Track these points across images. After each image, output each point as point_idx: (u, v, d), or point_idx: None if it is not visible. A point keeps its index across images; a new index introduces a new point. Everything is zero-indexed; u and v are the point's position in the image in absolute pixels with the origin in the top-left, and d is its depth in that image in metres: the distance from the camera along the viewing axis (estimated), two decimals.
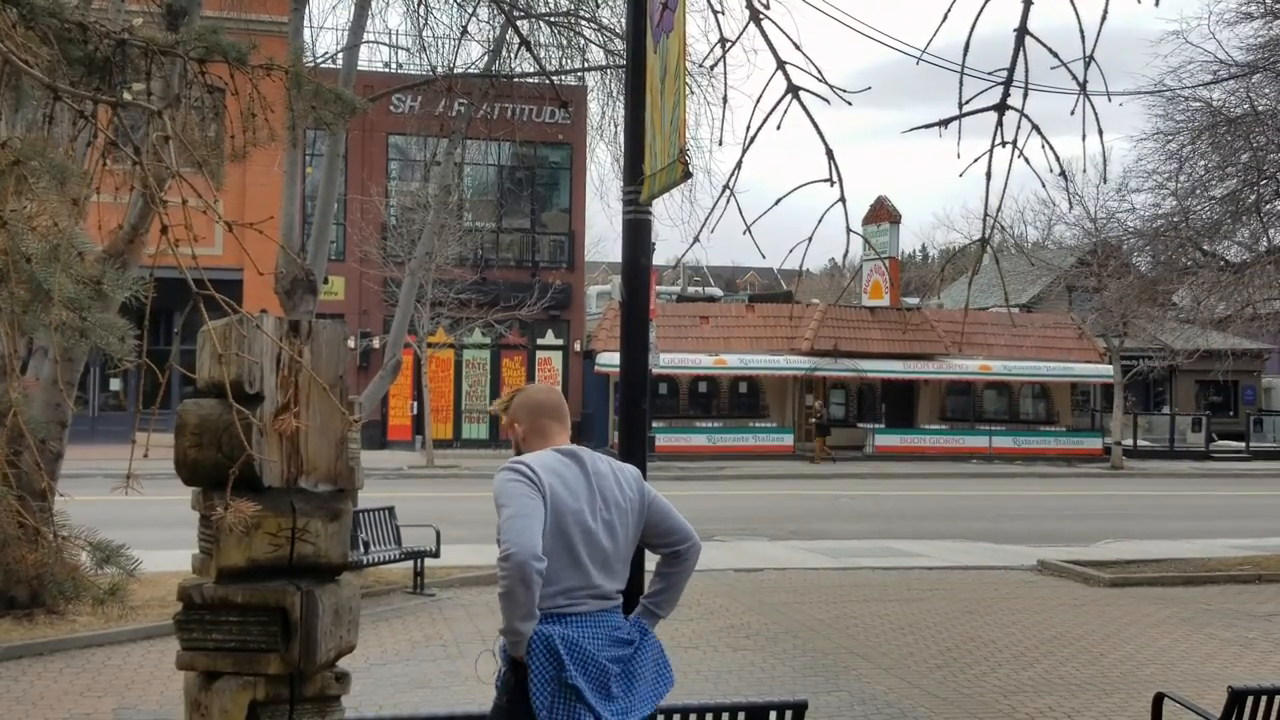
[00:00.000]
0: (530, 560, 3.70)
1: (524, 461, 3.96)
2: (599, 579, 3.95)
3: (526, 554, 3.70)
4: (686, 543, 4.23)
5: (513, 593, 3.72)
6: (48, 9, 3.13)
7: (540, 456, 4.02)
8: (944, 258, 68.92)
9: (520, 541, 3.72)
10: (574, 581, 3.91)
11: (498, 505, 3.86)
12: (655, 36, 5.40)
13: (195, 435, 3.78)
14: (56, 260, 3.07)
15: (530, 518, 3.78)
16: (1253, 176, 16.96)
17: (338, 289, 33.00)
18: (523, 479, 3.88)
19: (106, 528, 3.98)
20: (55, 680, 8.90)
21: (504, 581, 3.72)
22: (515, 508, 3.81)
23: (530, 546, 3.72)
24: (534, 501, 3.83)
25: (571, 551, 3.90)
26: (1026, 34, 3.61)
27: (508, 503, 3.83)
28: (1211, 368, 36.10)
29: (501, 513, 3.82)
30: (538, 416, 4.23)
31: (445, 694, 8.59)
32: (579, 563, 3.92)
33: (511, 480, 3.89)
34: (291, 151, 12.54)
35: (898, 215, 38.01)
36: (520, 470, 3.91)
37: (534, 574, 3.70)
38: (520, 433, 4.21)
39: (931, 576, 14.76)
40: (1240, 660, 10.15)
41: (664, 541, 4.19)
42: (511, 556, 3.70)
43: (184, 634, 3.90)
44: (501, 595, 3.77)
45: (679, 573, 4.26)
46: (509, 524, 3.77)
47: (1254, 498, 27.51)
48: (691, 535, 4.25)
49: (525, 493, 3.84)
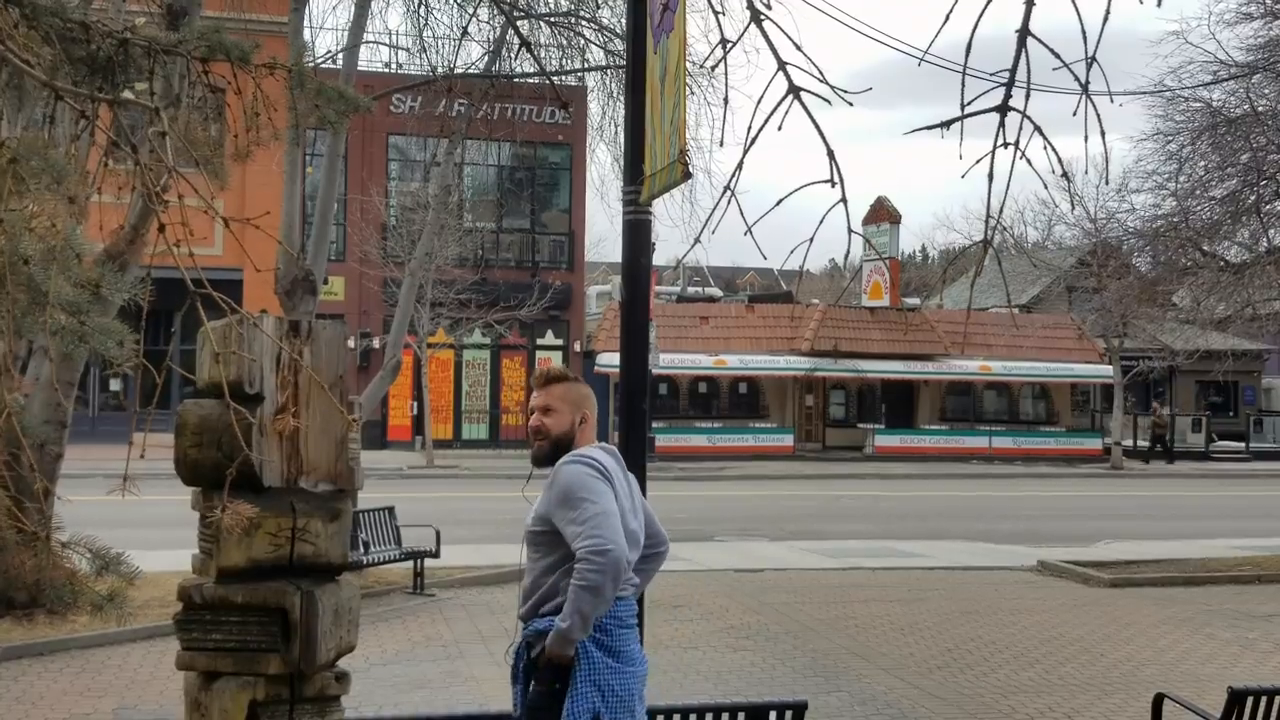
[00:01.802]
0: (625, 558, 3.73)
1: (594, 457, 3.92)
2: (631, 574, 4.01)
3: (624, 551, 3.72)
4: (664, 545, 4.32)
5: (603, 588, 3.70)
6: (50, 8, 3.13)
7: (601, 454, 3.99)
8: (944, 258, 68.95)
9: (618, 540, 3.71)
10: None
11: (575, 497, 3.79)
12: (655, 37, 5.40)
13: (195, 435, 3.78)
14: (54, 262, 3.07)
15: (616, 515, 3.78)
16: (1252, 177, 16.95)
17: (338, 289, 32.99)
18: (600, 475, 3.86)
19: (107, 528, 3.98)
20: (55, 680, 8.89)
21: (595, 576, 3.68)
22: (602, 504, 3.77)
23: (625, 544, 3.74)
24: (612, 498, 3.82)
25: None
26: (1028, 35, 3.60)
27: (593, 497, 3.78)
28: (1211, 368, 36.09)
29: (584, 507, 3.76)
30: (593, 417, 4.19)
31: (445, 694, 8.59)
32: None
33: (591, 475, 3.84)
34: (292, 151, 12.55)
35: (898, 215, 38.01)
36: (596, 465, 3.88)
37: (625, 573, 3.75)
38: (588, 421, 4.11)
39: (931, 577, 14.75)
40: (1240, 660, 10.15)
41: (648, 543, 4.22)
42: (610, 553, 3.68)
43: (184, 634, 3.90)
44: (586, 589, 3.71)
45: (649, 571, 4.32)
46: (600, 520, 3.73)
47: (1254, 498, 27.52)
48: (667, 538, 4.35)
49: (605, 490, 3.82)
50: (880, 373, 36.46)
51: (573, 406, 4.09)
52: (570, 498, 3.80)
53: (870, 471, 31.99)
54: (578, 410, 4.09)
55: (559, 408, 4.09)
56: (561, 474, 3.87)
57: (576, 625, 3.75)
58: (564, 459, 3.94)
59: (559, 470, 3.91)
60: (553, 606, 3.88)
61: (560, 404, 4.09)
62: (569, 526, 3.78)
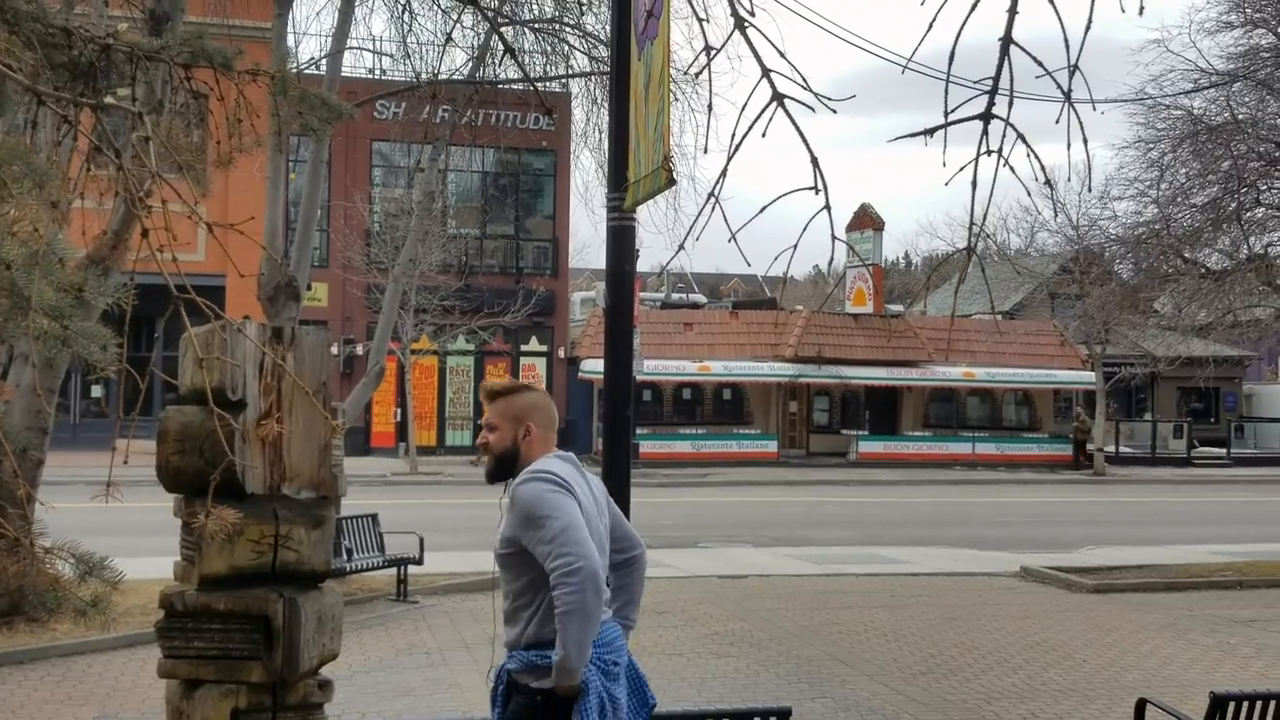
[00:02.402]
0: (599, 570, 3.59)
1: (550, 471, 3.79)
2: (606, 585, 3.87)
3: (595, 563, 3.59)
4: (639, 549, 4.19)
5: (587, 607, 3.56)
6: (32, 14, 3.12)
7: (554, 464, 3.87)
8: (927, 265, 69.19)
9: (587, 553, 3.57)
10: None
11: (537, 516, 3.67)
12: (640, 43, 5.41)
13: (177, 442, 3.76)
14: (37, 266, 3.05)
15: (582, 528, 3.65)
16: (1233, 184, 17.06)
17: (321, 295, 32.91)
18: (560, 489, 3.73)
19: (88, 535, 3.96)
20: (35, 689, 8.83)
21: (576, 597, 3.54)
22: (566, 518, 3.64)
23: (596, 556, 3.60)
24: (576, 510, 3.69)
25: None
26: (1011, 43, 3.62)
27: (554, 513, 3.65)
28: (1193, 374, 36.29)
29: (549, 524, 3.63)
30: (550, 427, 4.05)
31: (428, 702, 8.56)
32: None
33: (549, 490, 3.72)
34: (275, 157, 12.52)
35: (881, 222, 38.10)
36: (554, 480, 3.75)
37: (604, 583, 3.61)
38: (533, 433, 3.97)
39: (915, 583, 14.78)
40: (1222, 666, 10.19)
41: (620, 547, 4.10)
42: (582, 569, 3.54)
43: (166, 642, 3.88)
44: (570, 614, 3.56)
45: (636, 580, 4.19)
46: (567, 535, 3.60)
47: (1235, 503, 27.65)
48: (641, 542, 4.22)
49: (567, 503, 3.69)
50: (864, 379, 36.54)
51: (512, 421, 3.96)
52: (532, 517, 3.69)
53: (854, 478, 32.04)
54: (519, 424, 3.96)
55: (498, 423, 3.98)
56: (519, 495, 3.75)
57: (573, 654, 3.61)
58: (519, 478, 3.82)
59: (516, 491, 3.79)
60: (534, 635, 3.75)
61: (499, 419, 3.98)
62: (538, 547, 3.67)
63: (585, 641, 3.60)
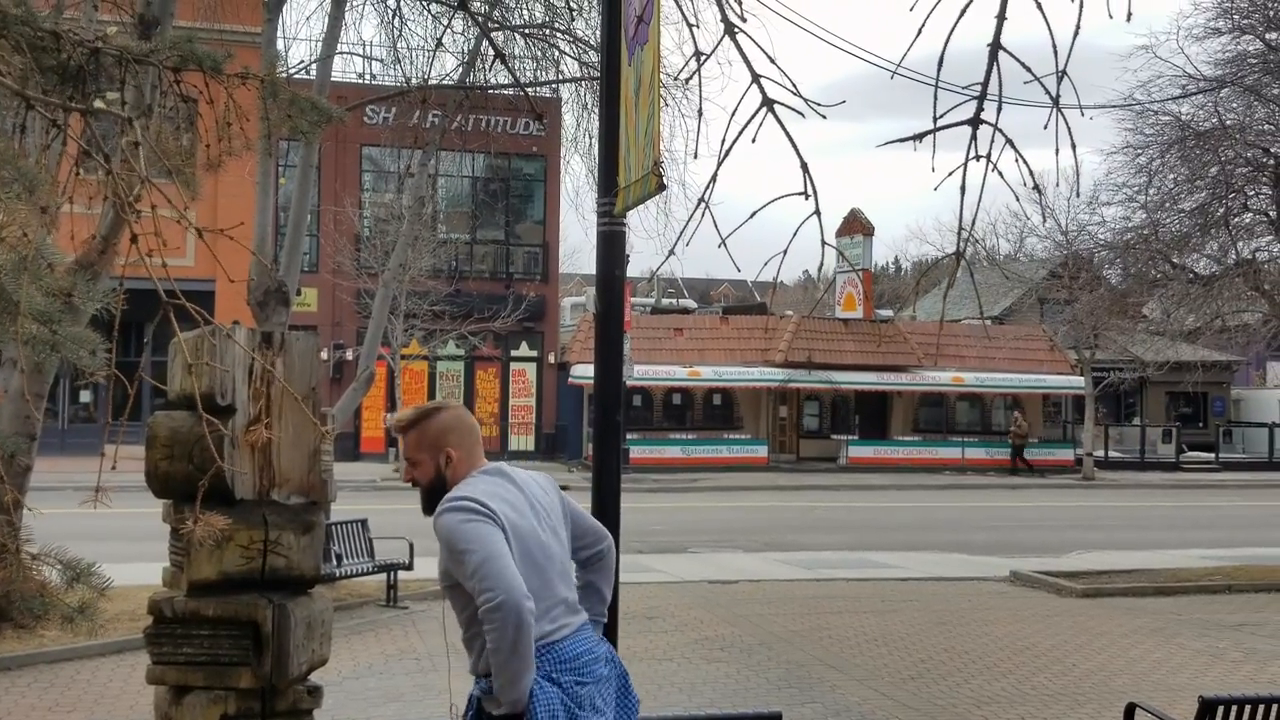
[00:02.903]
0: (522, 601, 3.39)
1: (465, 496, 3.58)
2: (564, 590, 3.71)
3: (517, 595, 3.38)
4: (605, 541, 4.01)
5: (514, 643, 3.39)
6: (20, 17, 3.11)
7: (474, 485, 3.67)
8: (917, 270, 69.31)
9: (505, 585, 3.38)
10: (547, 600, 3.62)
11: (456, 550, 3.48)
12: (630, 49, 5.41)
13: (166, 447, 3.76)
14: (25, 271, 3.04)
15: (502, 557, 3.45)
16: (1221, 190, 17.14)
17: (310, 300, 32.85)
18: (476, 516, 3.52)
19: (75, 541, 3.94)
20: (23, 695, 8.79)
21: (497, 634, 3.38)
22: (483, 550, 3.44)
23: (518, 587, 3.40)
24: (497, 537, 3.49)
25: (540, 572, 3.61)
26: (1000, 49, 3.63)
27: (471, 545, 3.46)
28: (1181, 379, 36.41)
29: (467, 559, 3.45)
30: (472, 442, 3.84)
31: (418, 707, 8.55)
32: (548, 581, 3.64)
33: (463, 520, 3.51)
34: (265, 162, 12.49)
35: (871, 228, 38.17)
36: (468, 507, 3.54)
37: (529, 616, 3.40)
38: (454, 458, 3.76)
39: (905, 588, 14.79)
40: (1210, 670, 10.21)
41: (584, 543, 3.93)
42: (503, 604, 3.36)
43: (154, 648, 3.87)
44: (496, 650, 3.41)
45: (605, 575, 4.00)
46: (484, 568, 3.41)
47: (1223, 508, 27.73)
48: (607, 534, 4.05)
49: (485, 532, 3.49)
50: (854, 384, 36.57)
51: (430, 450, 3.77)
52: (454, 551, 3.51)
53: (844, 483, 32.06)
54: (437, 451, 3.76)
55: (416, 457, 3.80)
56: (438, 529, 3.56)
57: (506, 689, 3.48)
58: (436, 511, 3.62)
59: (435, 525, 3.59)
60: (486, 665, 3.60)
61: (416, 452, 3.80)
62: (466, 582, 3.51)
63: (517, 673, 3.45)
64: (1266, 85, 17.17)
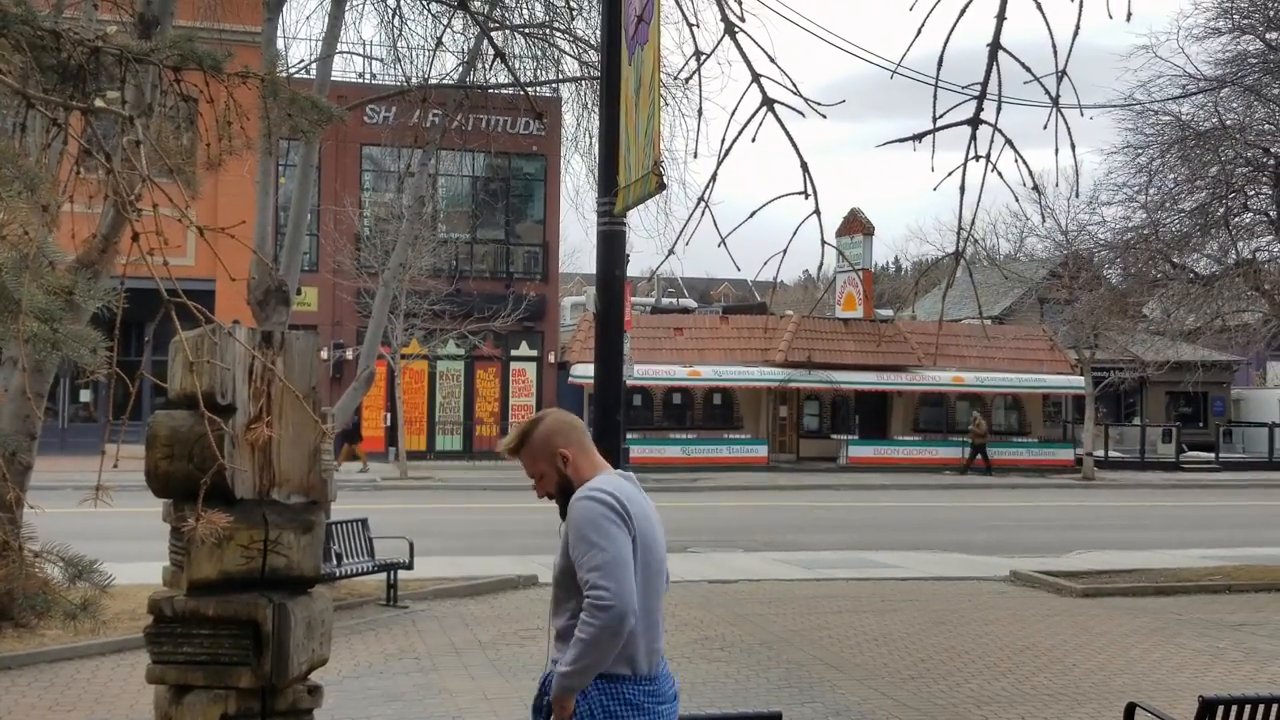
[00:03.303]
0: (630, 615, 3.49)
1: (609, 491, 3.64)
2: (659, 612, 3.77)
3: (628, 606, 3.49)
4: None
5: (601, 645, 3.50)
6: (20, 16, 3.11)
7: (615, 481, 3.73)
8: (917, 270, 69.30)
9: (624, 594, 3.48)
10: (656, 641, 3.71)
11: (585, 540, 3.55)
12: (630, 48, 5.41)
13: (167, 447, 3.76)
14: (26, 269, 3.05)
15: (628, 565, 3.54)
16: (1221, 190, 17.14)
17: (311, 300, 32.86)
18: (616, 516, 3.59)
19: (76, 540, 3.94)
20: (24, 695, 8.80)
21: (594, 630, 3.48)
22: (614, 551, 3.53)
23: (632, 600, 3.50)
24: (628, 546, 3.57)
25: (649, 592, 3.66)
26: (1000, 49, 3.63)
27: (604, 543, 3.53)
28: (1181, 379, 36.40)
29: (592, 554, 3.52)
30: (580, 437, 3.88)
31: (418, 707, 8.55)
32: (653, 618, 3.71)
33: (605, 516, 3.58)
34: (265, 161, 12.50)
35: (871, 227, 38.17)
36: (611, 504, 3.61)
37: (627, 631, 3.51)
38: (570, 457, 3.80)
39: (905, 587, 14.79)
40: (1210, 670, 10.21)
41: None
42: (612, 609, 3.46)
43: (155, 647, 3.87)
44: (585, 643, 3.51)
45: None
46: (610, 570, 3.50)
47: (1223, 508, 27.72)
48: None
49: (620, 536, 3.57)
50: (854, 384, 36.57)
51: (546, 459, 3.82)
52: (581, 538, 3.57)
53: (844, 482, 32.05)
54: (551, 457, 3.81)
55: (536, 470, 3.85)
56: (573, 512, 3.63)
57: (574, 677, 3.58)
58: (579, 494, 3.69)
59: (571, 507, 3.67)
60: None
61: (534, 466, 3.85)
62: (579, 571, 3.58)
63: (589, 670, 3.56)
64: (1266, 85, 17.18)
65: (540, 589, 13.99)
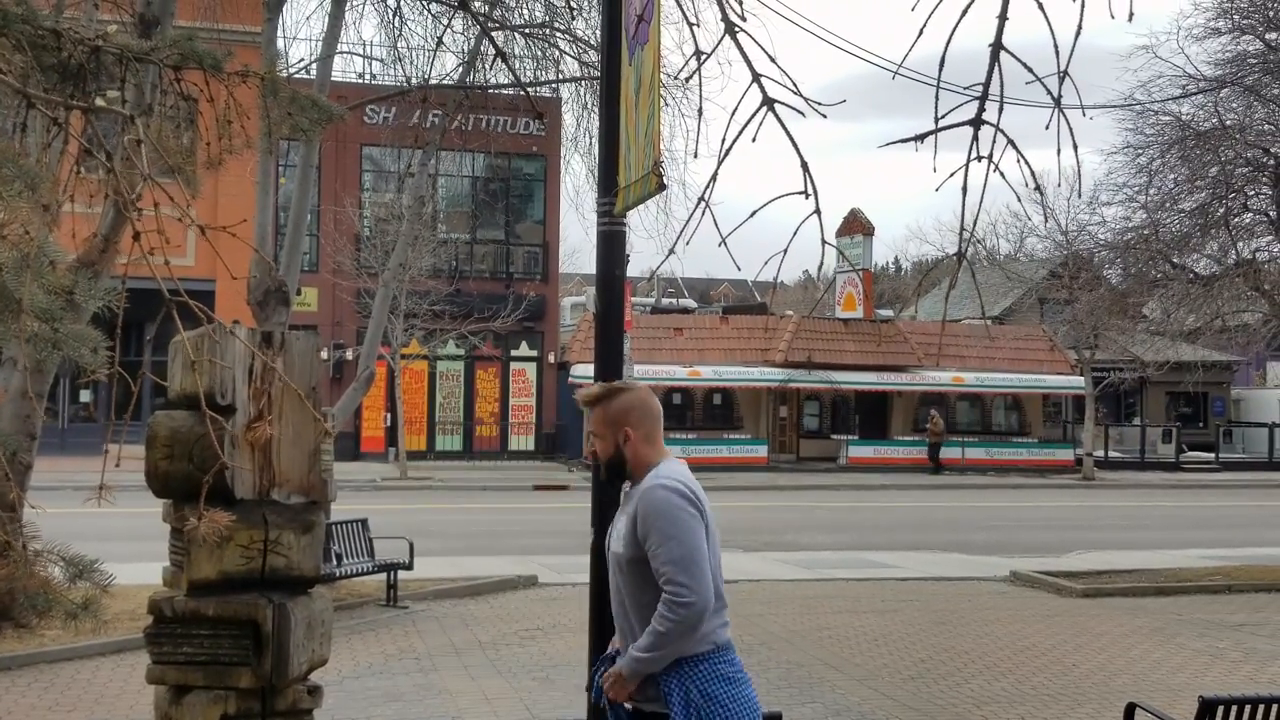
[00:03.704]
0: (707, 610, 3.57)
1: (684, 483, 3.68)
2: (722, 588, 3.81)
3: (706, 602, 3.56)
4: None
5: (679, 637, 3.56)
6: (21, 15, 3.11)
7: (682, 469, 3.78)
8: (917, 270, 69.33)
9: (702, 589, 3.54)
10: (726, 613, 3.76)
11: (663, 532, 3.58)
12: (630, 48, 5.41)
13: (167, 447, 3.75)
14: (27, 269, 3.04)
15: (704, 559, 3.59)
16: (1221, 190, 17.14)
17: (311, 300, 32.86)
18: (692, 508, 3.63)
19: (76, 540, 3.94)
20: (23, 695, 8.79)
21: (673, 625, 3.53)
22: (690, 542, 3.57)
23: (709, 595, 3.57)
24: (702, 536, 3.62)
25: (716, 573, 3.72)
26: (1001, 49, 3.63)
27: (681, 534, 3.57)
28: (1181, 379, 36.43)
29: (669, 546, 3.56)
30: (654, 424, 3.90)
31: (418, 707, 8.55)
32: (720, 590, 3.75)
33: (682, 508, 3.62)
34: (265, 161, 12.49)
35: (871, 227, 38.17)
36: (684, 492, 3.65)
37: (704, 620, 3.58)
38: (633, 438, 3.83)
39: (905, 588, 14.79)
40: (1210, 670, 10.21)
41: None
42: (692, 606, 3.52)
43: (154, 648, 3.87)
44: (662, 634, 3.56)
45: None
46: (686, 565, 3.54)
47: (1223, 508, 27.73)
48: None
49: (695, 528, 3.61)
50: (854, 384, 36.57)
51: (611, 427, 3.84)
52: (657, 529, 3.60)
53: (844, 482, 32.06)
54: (617, 429, 3.84)
55: (599, 431, 3.89)
56: (650, 500, 3.64)
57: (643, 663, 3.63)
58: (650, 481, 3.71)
59: (646, 495, 3.67)
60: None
61: (599, 427, 3.89)
62: (654, 562, 3.60)
63: (663, 659, 3.62)
64: (1266, 85, 17.18)
65: (540, 589, 13.99)
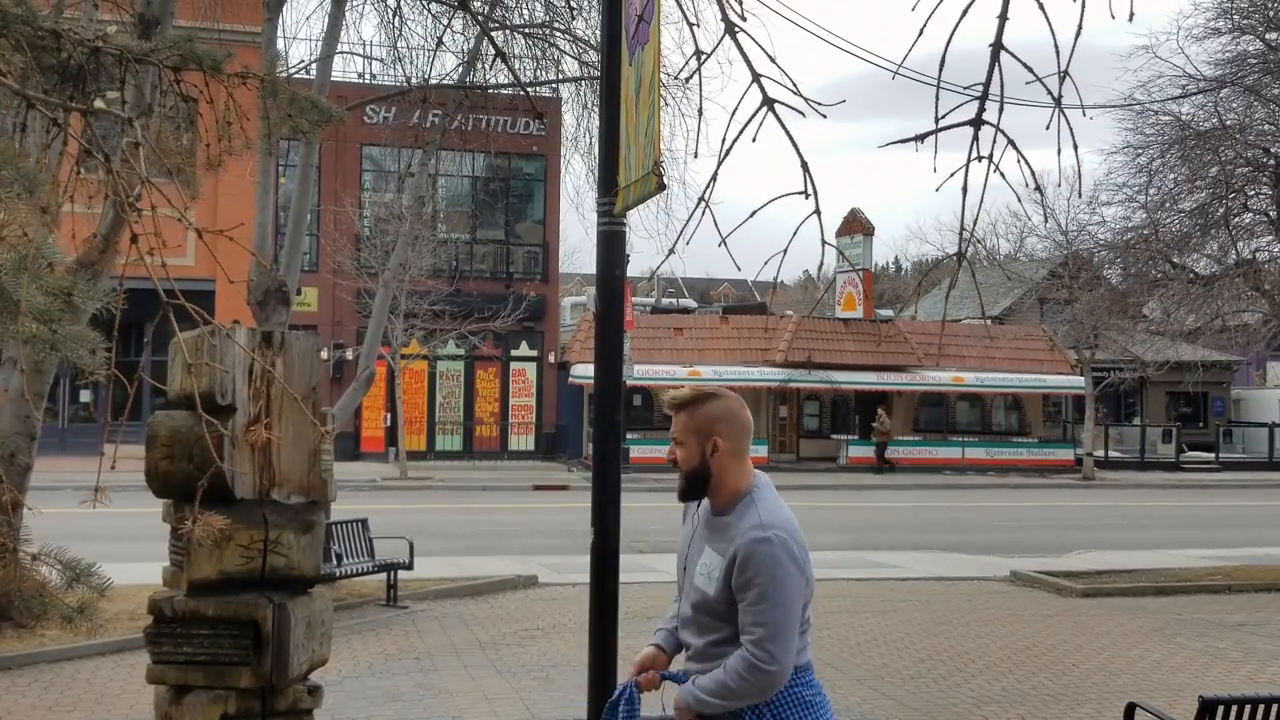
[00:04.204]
0: (783, 679, 3.41)
1: (793, 537, 3.48)
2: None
3: (785, 676, 3.40)
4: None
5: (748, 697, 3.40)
6: (20, 16, 3.11)
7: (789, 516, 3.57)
8: (917, 270, 69.33)
9: (785, 660, 3.38)
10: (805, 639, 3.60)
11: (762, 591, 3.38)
12: (630, 48, 5.41)
13: (166, 447, 3.76)
14: (25, 270, 3.04)
15: (796, 623, 3.44)
16: (1221, 190, 17.14)
17: (310, 300, 32.86)
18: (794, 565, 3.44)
19: (75, 541, 3.94)
20: (24, 695, 8.79)
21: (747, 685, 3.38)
22: (787, 606, 3.39)
23: (789, 664, 3.41)
24: (799, 596, 3.45)
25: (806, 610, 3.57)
26: (1002, 49, 3.63)
27: (781, 600, 3.39)
28: (1181, 379, 36.41)
29: (765, 608, 3.38)
30: (744, 437, 3.71)
31: (418, 707, 8.54)
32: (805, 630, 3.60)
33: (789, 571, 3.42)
34: (265, 161, 12.49)
35: (871, 227, 38.16)
36: (792, 550, 3.45)
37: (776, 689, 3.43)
38: (721, 448, 3.62)
39: (905, 587, 14.78)
40: (1210, 670, 10.21)
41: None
42: (773, 675, 3.37)
43: (155, 648, 3.87)
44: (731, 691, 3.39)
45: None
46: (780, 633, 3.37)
47: (1223, 508, 27.72)
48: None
49: (795, 587, 3.43)
50: (854, 384, 36.56)
51: (698, 436, 3.60)
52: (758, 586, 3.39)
53: (843, 482, 32.05)
54: (704, 438, 3.60)
55: (683, 439, 3.63)
56: (756, 555, 3.41)
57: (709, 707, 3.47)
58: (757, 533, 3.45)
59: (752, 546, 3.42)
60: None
61: (684, 434, 3.63)
62: (745, 615, 3.42)
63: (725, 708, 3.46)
64: (1266, 85, 17.18)
65: (540, 589, 13.99)
